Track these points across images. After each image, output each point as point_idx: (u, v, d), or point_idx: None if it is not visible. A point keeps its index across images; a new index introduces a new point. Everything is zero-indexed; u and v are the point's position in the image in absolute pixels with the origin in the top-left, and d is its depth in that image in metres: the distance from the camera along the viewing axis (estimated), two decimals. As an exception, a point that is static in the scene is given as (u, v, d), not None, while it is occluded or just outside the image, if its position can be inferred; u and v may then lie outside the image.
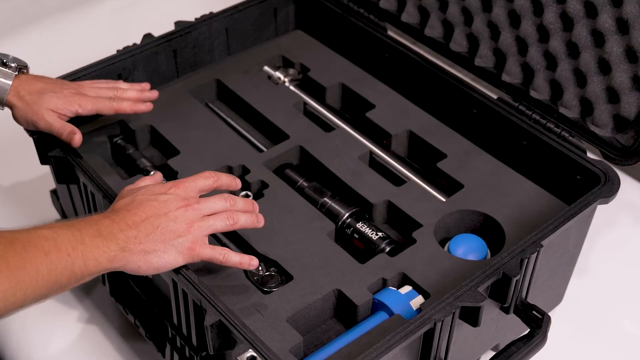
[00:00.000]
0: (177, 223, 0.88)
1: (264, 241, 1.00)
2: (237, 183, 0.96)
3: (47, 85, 1.05)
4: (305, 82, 1.28)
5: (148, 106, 1.12)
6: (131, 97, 1.10)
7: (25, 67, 1.06)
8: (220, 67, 1.29)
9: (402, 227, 1.06)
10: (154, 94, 1.14)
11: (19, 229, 0.80)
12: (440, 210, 1.05)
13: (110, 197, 0.98)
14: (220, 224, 0.91)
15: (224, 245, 1.00)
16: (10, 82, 1.03)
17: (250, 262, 0.91)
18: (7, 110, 1.05)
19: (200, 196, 0.93)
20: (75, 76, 1.14)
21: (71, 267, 0.81)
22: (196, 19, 1.26)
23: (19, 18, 1.65)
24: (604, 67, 1.05)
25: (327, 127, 1.20)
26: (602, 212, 1.07)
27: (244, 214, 0.93)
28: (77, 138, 1.04)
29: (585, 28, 1.06)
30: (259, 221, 0.94)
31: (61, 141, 1.05)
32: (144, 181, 0.96)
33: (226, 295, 0.93)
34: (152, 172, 1.09)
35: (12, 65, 1.04)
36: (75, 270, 0.81)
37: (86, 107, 1.05)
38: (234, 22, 1.29)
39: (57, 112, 1.03)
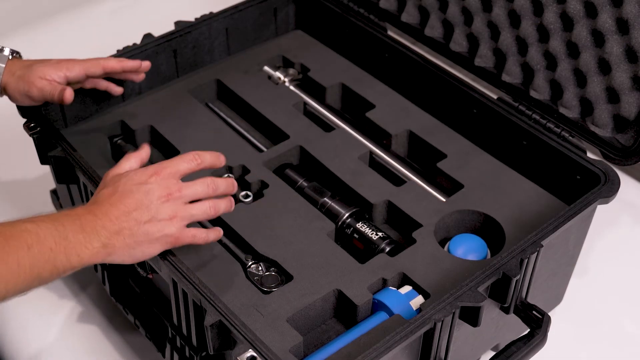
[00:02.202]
0: (159, 216, 0.88)
1: (264, 241, 1.00)
2: (221, 160, 0.96)
3: (36, 60, 1.08)
4: (305, 82, 1.28)
5: (139, 73, 1.13)
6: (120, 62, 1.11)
7: (19, 54, 1.09)
8: (220, 67, 1.29)
9: (402, 227, 1.06)
10: (145, 64, 1.14)
11: (2, 222, 0.81)
12: (440, 210, 1.05)
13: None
14: (202, 215, 0.91)
15: (223, 244, 1.00)
16: (3, 65, 1.05)
17: (218, 234, 0.93)
18: (7, 110, 1.05)
19: (183, 179, 0.92)
20: (75, 76, 1.14)
21: (53, 262, 0.81)
22: (196, 19, 1.26)
23: (19, 18, 1.65)
24: (604, 67, 1.05)
25: (327, 127, 1.20)
26: (602, 212, 1.07)
27: (224, 201, 0.93)
28: (68, 93, 1.04)
29: (585, 28, 1.06)
30: (232, 206, 0.94)
31: (61, 141, 1.05)
32: (128, 161, 0.95)
33: (226, 295, 0.93)
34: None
35: (6, 50, 1.07)
36: (57, 264, 0.81)
37: (74, 69, 1.06)
38: (234, 22, 1.29)
39: (46, 78, 1.04)
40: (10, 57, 1.07)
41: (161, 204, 0.88)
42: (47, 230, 0.82)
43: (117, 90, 1.15)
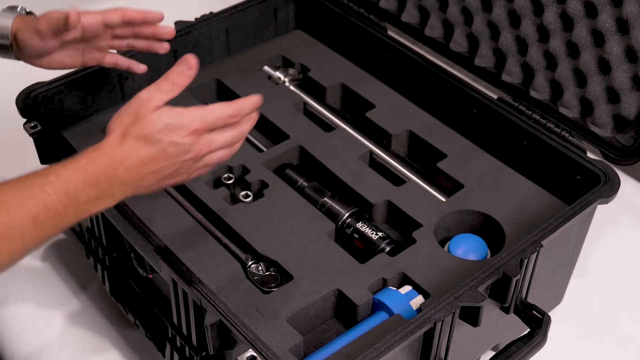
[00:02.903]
0: (180, 172, 0.86)
1: (264, 241, 1.00)
2: (258, 102, 0.90)
3: None
4: (305, 82, 1.28)
5: (162, 43, 1.09)
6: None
7: (33, 14, 1.06)
8: (220, 67, 1.29)
9: (402, 227, 1.06)
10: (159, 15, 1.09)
11: (13, 180, 0.78)
12: (440, 210, 1.05)
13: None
14: (217, 162, 0.89)
15: (223, 244, 1.00)
16: (14, 16, 1.03)
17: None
18: (7, 110, 1.04)
19: None
20: (75, 76, 1.14)
21: (61, 224, 0.79)
22: (196, 19, 1.26)
23: (19, 18, 1.65)
24: (604, 67, 1.05)
25: (327, 127, 1.20)
26: (602, 212, 1.07)
27: (240, 138, 0.90)
28: (74, 14, 0.99)
29: (585, 28, 1.06)
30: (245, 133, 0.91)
31: (61, 141, 1.04)
32: (160, 91, 0.87)
33: (226, 295, 0.93)
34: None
35: (19, 8, 1.06)
36: (64, 224, 0.80)
37: (89, 14, 1.02)
38: (234, 22, 1.29)
39: (56, 13, 1.00)
40: (24, 13, 1.05)
41: (185, 162, 0.85)
42: (56, 196, 0.78)
43: (140, 67, 1.10)
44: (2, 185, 0.78)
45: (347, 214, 1.05)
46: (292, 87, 1.26)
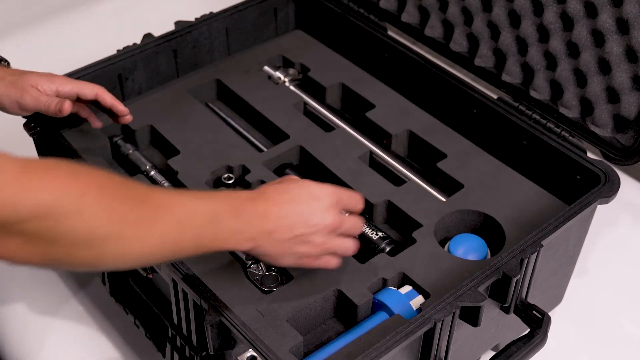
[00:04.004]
0: (313, 239, 0.87)
1: (264, 241, 1.00)
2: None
3: (26, 70, 1.04)
4: (305, 82, 1.28)
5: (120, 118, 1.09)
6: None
7: (8, 62, 1.06)
8: (220, 67, 1.29)
9: (402, 227, 1.06)
10: (128, 118, 1.10)
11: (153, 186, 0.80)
12: (440, 210, 1.05)
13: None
14: (343, 253, 0.90)
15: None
16: None
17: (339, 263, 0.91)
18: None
19: None
20: (75, 76, 1.14)
21: (198, 241, 0.81)
22: (196, 19, 1.26)
23: (19, 18, 1.65)
24: (604, 67, 1.05)
25: (327, 127, 1.20)
26: (602, 212, 1.07)
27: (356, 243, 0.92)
28: (67, 105, 1.01)
29: (585, 28, 1.06)
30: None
31: (61, 141, 1.04)
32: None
33: (226, 295, 0.93)
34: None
35: None
36: (201, 244, 0.81)
37: (66, 86, 1.03)
38: (234, 22, 1.29)
39: (37, 88, 1.01)
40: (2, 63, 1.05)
41: (320, 230, 0.87)
42: (201, 208, 0.80)
43: (97, 124, 1.11)
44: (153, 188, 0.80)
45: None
46: (292, 87, 1.26)
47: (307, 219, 0.86)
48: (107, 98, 1.06)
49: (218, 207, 0.82)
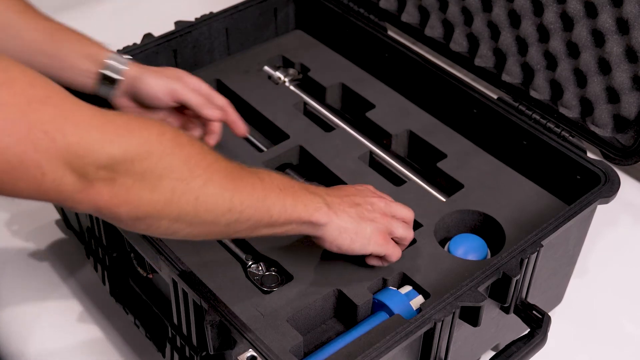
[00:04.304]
0: (373, 210, 0.93)
1: (264, 241, 1.00)
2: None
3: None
4: (305, 82, 1.28)
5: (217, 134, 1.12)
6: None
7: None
8: (220, 67, 1.29)
9: (402, 227, 1.06)
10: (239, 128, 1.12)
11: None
12: (440, 210, 1.05)
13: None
14: (401, 233, 0.96)
15: (223, 244, 1.00)
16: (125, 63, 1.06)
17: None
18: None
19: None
20: (75, 76, 1.13)
21: (283, 201, 0.85)
22: (196, 19, 1.26)
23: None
24: (604, 67, 1.05)
25: (327, 127, 1.20)
26: (602, 212, 1.07)
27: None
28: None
29: (585, 28, 1.06)
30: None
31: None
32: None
33: (226, 295, 0.93)
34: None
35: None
36: (286, 205, 0.85)
37: (197, 98, 1.09)
38: (234, 22, 1.29)
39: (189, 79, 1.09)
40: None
41: (375, 202, 0.94)
42: (276, 176, 0.87)
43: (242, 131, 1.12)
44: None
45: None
46: (292, 87, 1.26)
47: (363, 205, 0.93)
48: (231, 117, 1.11)
49: (290, 181, 0.88)
